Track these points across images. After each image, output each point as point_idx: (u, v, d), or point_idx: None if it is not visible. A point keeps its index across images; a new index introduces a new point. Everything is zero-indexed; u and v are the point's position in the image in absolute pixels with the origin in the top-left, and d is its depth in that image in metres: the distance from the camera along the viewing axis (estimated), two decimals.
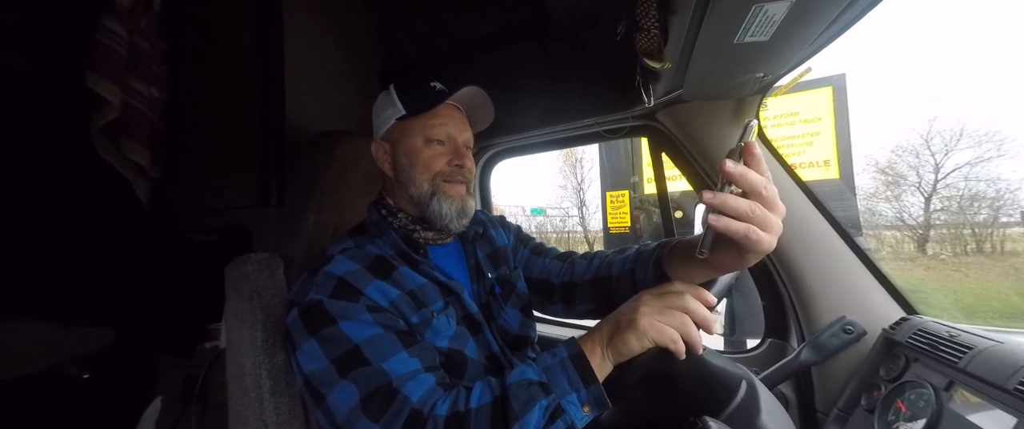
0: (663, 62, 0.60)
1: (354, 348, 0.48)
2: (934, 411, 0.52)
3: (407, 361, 0.48)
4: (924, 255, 2.53)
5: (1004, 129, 2.44)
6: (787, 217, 0.41)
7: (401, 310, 0.54)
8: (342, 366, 0.47)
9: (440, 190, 0.61)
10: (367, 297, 0.52)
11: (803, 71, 0.72)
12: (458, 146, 0.63)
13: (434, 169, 0.61)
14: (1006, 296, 1.89)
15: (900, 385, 0.59)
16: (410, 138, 0.62)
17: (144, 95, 0.96)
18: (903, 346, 0.63)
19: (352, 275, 0.54)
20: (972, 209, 2.50)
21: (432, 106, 0.61)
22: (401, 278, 0.57)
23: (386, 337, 0.49)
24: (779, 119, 1.94)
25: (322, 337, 0.49)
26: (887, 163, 2.68)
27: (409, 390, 0.45)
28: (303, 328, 0.50)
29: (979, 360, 0.51)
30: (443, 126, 0.62)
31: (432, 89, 0.62)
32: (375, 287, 0.53)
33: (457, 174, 0.62)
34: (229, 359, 0.64)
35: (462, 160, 0.62)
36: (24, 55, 0.97)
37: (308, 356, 0.49)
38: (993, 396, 0.48)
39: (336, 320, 0.49)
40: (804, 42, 0.58)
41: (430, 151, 0.61)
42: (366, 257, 0.57)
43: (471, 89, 0.62)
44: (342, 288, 0.52)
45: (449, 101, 0.62)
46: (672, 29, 0.55)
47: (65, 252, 1.02)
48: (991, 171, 2.46)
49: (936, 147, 2.56)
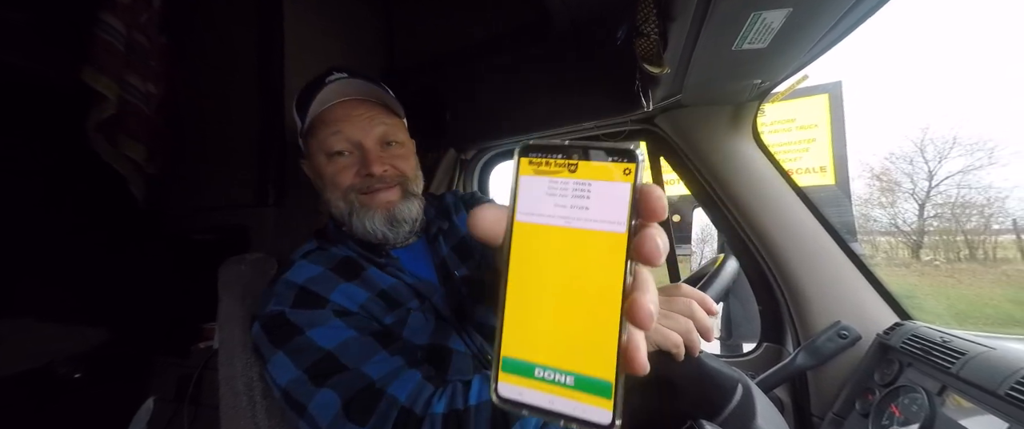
0: (662, 67, 0.61)
1: (327, 355, 0.44)
2: (927, 416, 0.53)
3: (388, 360, 0.45)
4: (918, 261, 2.56)
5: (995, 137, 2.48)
6: (784, 223, 0.42)
7: (372, 313, 0.50)
8: (317, 374, 0.43)
9: (356, 206, 0.54)
10: (333, 303, 0.48)
11: (800, 78, 0.73)
12: (367, 150, 0.54)
13: (343, 185, 0.54)
14: (998, 302, 1.91)
15: (894, 390, 0.59)
16: (314, 156, 0.55)
17: (141, 91, 0.95)
18: (897, 351, 0.64)
19: (315, 280, 0.50)
20: (964, 216, 2.53)
21: (321, 110, 0.53)
22: (371, 278, 0.53)
23: (361, 339, 0.46)
24: (776, 125, 1.96)
25: (290, 348, 0.45)
26: (882, 170, 2.71)
27: (395, 389, 0.42)
28: (268, 342, 0.46)
29: (972, 366, 0.52)
30: (337, 133, 0.53)
31: (321, 86, 0.53)
32: (341, 291, 0.49)
33: (372, 183, 0.54)
34: (221, 361, 0.63)
35: (371, 167, 0.53)
36: (18, 49, 0.96)
37: (280, 369, 0.45)
38: (985, 401, 0.49)
39: (303, 329, 0.46)
40: (801, 50, 0.59)
41: (333, 166, 0.54)
42: (331, 259, 0.53)
43: (343, 83, 0.53)
44: (304, 296, 0.48)
45: (343, 98, 0.54)
46: (671, 35, 0.55)
47: (57, 249, 1.01)
48: (983, 179, 2.50)
49: (929, 154, 2.59)
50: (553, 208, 0.19)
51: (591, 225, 0.19)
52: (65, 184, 1.03)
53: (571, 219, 0.19)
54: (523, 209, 0.20)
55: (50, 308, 1.00)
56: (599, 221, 0.19)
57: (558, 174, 0.19)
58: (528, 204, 0.20)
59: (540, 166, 0.20)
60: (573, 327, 0.18)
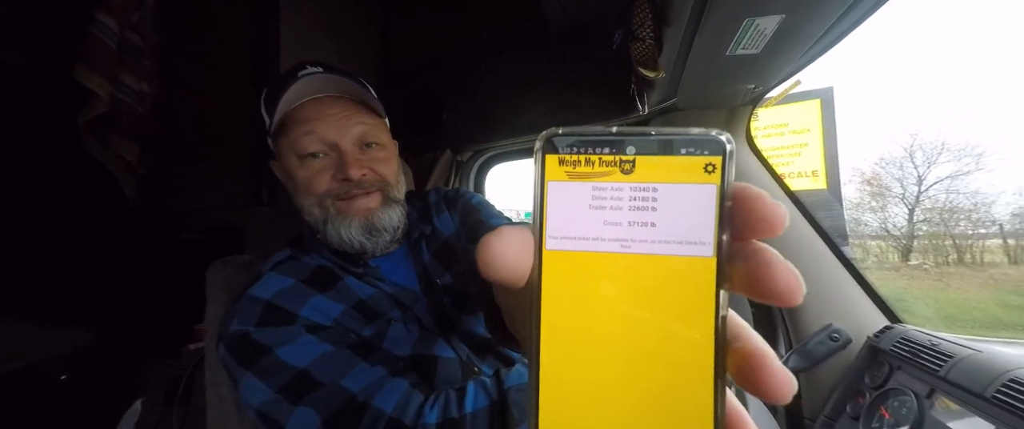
0: (657, 71, 0.61)
1: (300, 373, 0.40)
2: (916, 418, 0.53)
3: (368, 371, 0.41)
4: (907, 265, 2.59)
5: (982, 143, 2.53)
6: None
7: (348, 326, 0.47)
8: (292, 394, 0.40)
9: (331, 213, 0.49)
10: (304, 318, 0.45)
11: (793, 83, 0.74)
12: (344, 152, 0.49)
13: (317, 190, 0.49)
14: (986, 306, 1.94)
15: (884, 392, 0.60)
16: (285, 157, 0.50)
17: (134, 90, 0.94)
18: (887, 354, 0.64)
19: (283, 295, 0.46)
20: (953, 220, 2.57)
21: (291, 108, 0.48)
22: (348, 289, 0.49)
23: (337, 353, 0.42)
24: (769, 130, 1.98)
25: (259, 369, 0.41)
26: (872, 174, 2.75)
27: (380, 401, 0.39)
28: (236, 363, 0.43)
29: (959, 368, 0.53)
30: (311, 133, 0.48)
31: (293, 80, 0.48)
32: (313, 305, 0.46)
33: (349, 188, 0.49)
34: (207, 365, 0.62)
35: (348, 171, 0.48)
36: (7, 46, 0.95)
37: (251, 390, 0.41)
38: (972, 404, 0.49)
39: (271, 348, 0.42)
40: (794, 56, 0.60)
41: (306, 169, 0.49)
42: (304, 269, 0.50)
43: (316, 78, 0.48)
44: (271, 313, 0.44)
45: (317, 94, 0.49)
46: (666, 39, 0.56)
47: (44, 248, 0.99)
48: (970, 184, 2.55)
49: (919, 160, 2.63)
50: (601, 227, 0.13)
51: (661, 248, 0.13)
52: (58, 184, 1.01)
53: (629, 242, 0.13)
54: (556, 231, 0.14)
55: (36, 308, 0.98)
56: (673, 242, 0.13)
57: (606, 177, 0.14)
58: (563, 223, 0.14)
59: (577, 167, 0.14)
60: (642, 400, 0.13)
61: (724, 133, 0.13)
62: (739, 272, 0.13)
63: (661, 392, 0.13)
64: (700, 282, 0.13)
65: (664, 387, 0.13)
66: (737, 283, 0.13)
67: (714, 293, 0.13)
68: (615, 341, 0.13)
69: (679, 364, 0.13)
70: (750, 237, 0.14)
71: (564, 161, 0.14)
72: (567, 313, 0.13)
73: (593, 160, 0.14)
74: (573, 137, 0.14)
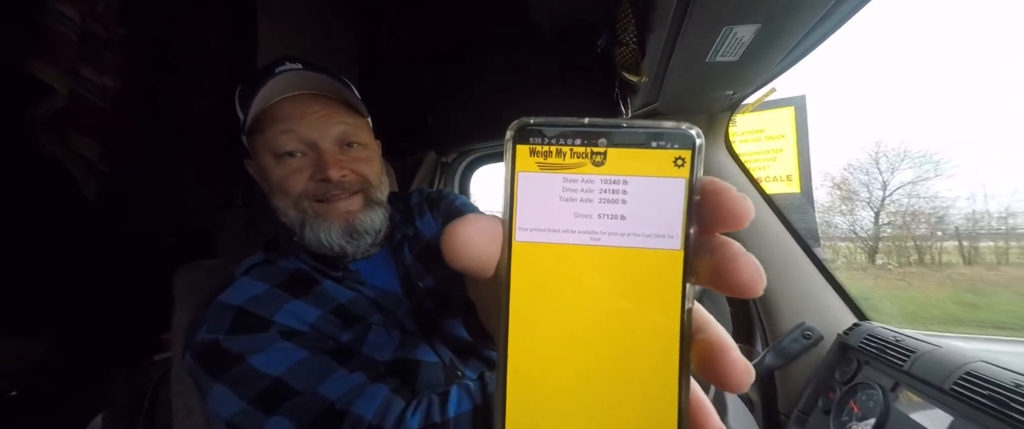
0: (640, 76, 0.62)
1: (274, 381, 0.39)
2: (882, 411, 0.56)
3: (346, 378, 0.40)
4: (873, 265, 2.74)
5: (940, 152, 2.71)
6: (754, 228, 0.43)
7: (326, 332, 0.45)
8: (266, 404, 0.38)
9: (309, 215, 0.48)
10: (278, 324, 0.43)
11: (768, 91, 0.77)
12: (323, 151, 0.47)
13: (294, 191, 0.47)
14: (943, 304, 2.06)
15: (853, 387, 0.63)
16: (261, 155, 0.48)
17: (95, 84, 0.89)
18: (855, 350, 0.67)
19: (257, 300, 0.44)
20: (914, 223, 2.73)
21: (268, 105, 0.46)
22: (326, 293, 0.48)
23: (313, 359, 0.41)
24: (747, 135, 2.05)
25: (230, 379, 0.39)
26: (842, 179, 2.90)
27: (359, 408, 0.38)
28: (205, 373, 0.41)
29: (920, 363, 0.56)
30: (289, 132, 0.46)
31: (270, 75, 0.46)
32: (288, 310, 0.44)
33: (329, 190, 0.47)
34: (174, 375, 0.59)
35: (327, 171, 0.46)
36: None
37: (221, 402, 0.39)
38: (933, 396, 0.52)
39: (243, 356, 0.40)
40: (770, 63, 0.62)
41: (283, 168, 0.47)
42: (279, 273, 0.48)
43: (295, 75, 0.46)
44: (243, 320, 0.42)
45: (296, 91, 0.47)
46: (649, 45, 0.57)
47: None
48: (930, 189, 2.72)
49: (883, 166, 2.79)
50: (571, 219, 0.13)
51: (630, 241, 0.13)
52: (8, 182, 0.94)
53: (599, 234, 0.13)
54: (525, 222, 0.14)
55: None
56: (641, 235, 0.13)
57: (577, 168, 0.13)
58: (533, 214, 0.13)
59: (548, 157, 0.13)
60: (609, 391, 0.13)
61: (694, 127, 0.14)
62: (705, 265, 0.14)
63: (627, 382, 0.13)
64: (668, 275, 0.13)
65: (630, 377, 0.13)
66: (702, 276, 0.14)
67: (681, 285, 0.13)
68: (583, 332, 0.13)
69: (646, 355, 0.13)
70: (717, 230, 0.14)
71: (535, 152, 0.14)
72: (536, 305, 0.13)
73: (564, 151, 0.14)
74: (545, 127, 0.14)
